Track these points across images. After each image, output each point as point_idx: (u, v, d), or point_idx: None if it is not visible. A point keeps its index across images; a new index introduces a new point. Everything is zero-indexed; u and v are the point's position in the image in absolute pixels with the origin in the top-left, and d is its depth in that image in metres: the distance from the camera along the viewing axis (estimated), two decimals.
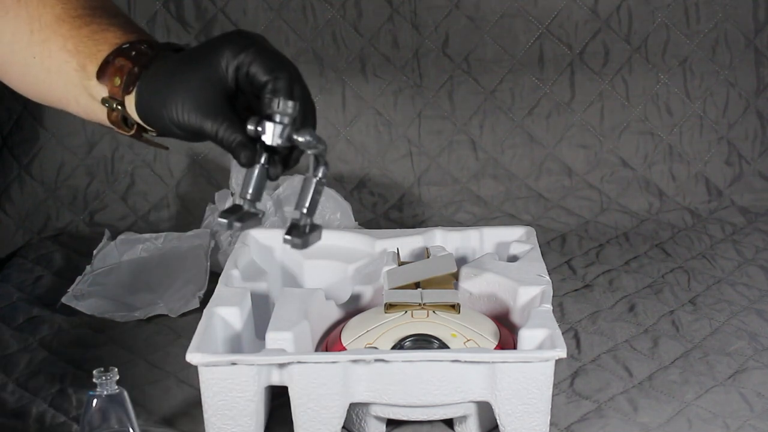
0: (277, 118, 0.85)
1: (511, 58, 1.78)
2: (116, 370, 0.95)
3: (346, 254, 1.27)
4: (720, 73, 1.80)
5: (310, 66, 1.77)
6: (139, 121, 0.90)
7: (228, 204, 1.53)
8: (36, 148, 1.73)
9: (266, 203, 1.50)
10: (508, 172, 1.76)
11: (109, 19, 0.93)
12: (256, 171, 0.86)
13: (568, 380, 1.18)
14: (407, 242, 1.27)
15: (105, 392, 0.94)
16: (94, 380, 0.94)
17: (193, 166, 1.73)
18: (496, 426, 1.02)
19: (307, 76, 1.81)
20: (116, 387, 0.95)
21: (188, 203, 1.71)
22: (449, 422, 1.08)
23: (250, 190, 0.87)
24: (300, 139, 0.85)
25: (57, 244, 1.62)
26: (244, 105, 0.88)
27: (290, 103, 0.85)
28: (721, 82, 1.80)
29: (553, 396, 1.01)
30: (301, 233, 0.88)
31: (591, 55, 1.79)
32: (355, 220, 1.55)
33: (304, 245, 0.88)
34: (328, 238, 1.30)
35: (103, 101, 0.90)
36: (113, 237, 1.54)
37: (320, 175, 0.88)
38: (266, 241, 1.28)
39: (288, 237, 0.88)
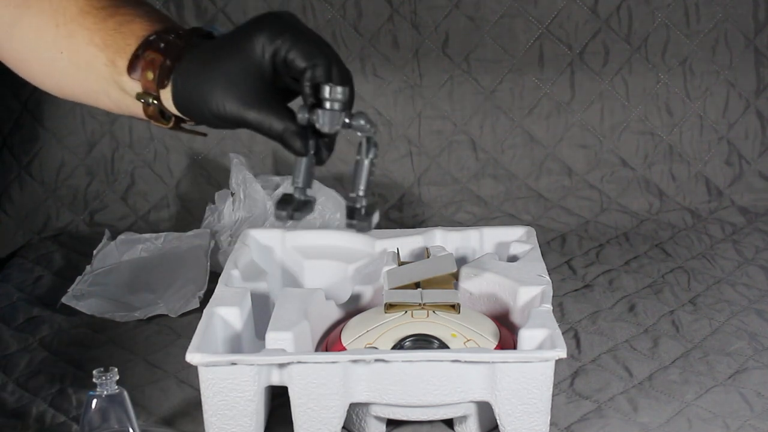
0: (328, 105, 0.84)
1: (511, 58, 1.78)
2: (116, 370, 0.95)
3: (346, 254, 1.27)
4: (720, 73, 1.80)
5: None
6: (177, 114, 0.88)
7: (227, 204, 1.53)
8: (36, 148, 1.73)
9: (266, 203, 1.50)
10: (508, 172, 1.76)
11: (133, 9, 0.92)
12: (306, 159, 0.86)
13: (568, 380, 1.18)
14: (407, 242, 1.27)
15: (105, 392, 0.94)
16: (94, 380, 0.94)
17: (193, 166, 1.73)
18: (496, 426, 1.02)
19: None
20: (116, 387, 0.95)
21: (188, 203, 1.71)
22: (449, 422, 1.08)
23: (302, 178, 0.86)
24: (355, 123, 0.85)
25: (57, 244, 1.62)
26: (282, 87, 0.87)
27: (339, 89, 0.83)
28: (721, 82, 1.80)
29: (553, 396, 1.01)
30: (363, 216, 0.88)
31: (591, 55, 1.79)
32: None
33: (369, 227, 0.88)
34: (328, 238, 1.30)
35: (138, 97, 0.88)
36: (113, 237, 1.54)
37: (372, 155, 0.88)
38: (266, 241, 1.29)
39: (352, 222, 0.87)
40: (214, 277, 1.30)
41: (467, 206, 1.73)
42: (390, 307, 1.09)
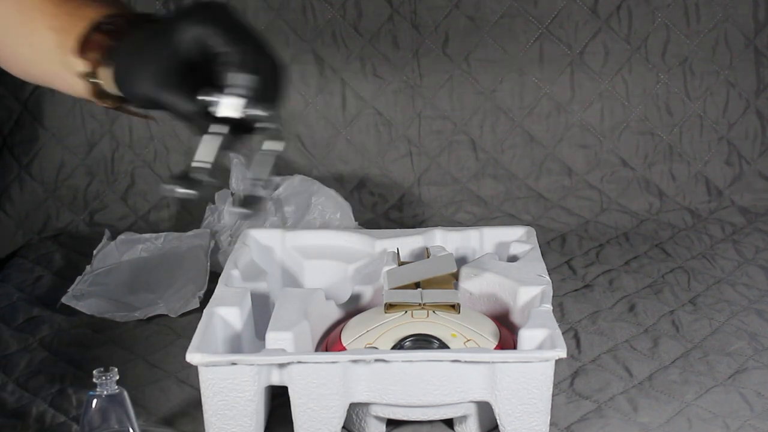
0: (227, 90, 0.84)
1: (511, 58, 1.78)
2: (116, 370, 0.95)
3: (346, 254, 1.27)
4: (720, 73, 1.80)
5: (310, 66, 1.77)
6: (119, 94, 0.92)
7: (227, 204, 1.53)
8: (36, 148, 1.73)
9: (266, 203, 1.50)
10: (508, 172, 1.76)
11: None
12: (205, 139, 0.87)
13: (568, 380, 1.18)
14: (407, 242, 1.27)
15: (105, 392, 0.94)
16: (94, 380, 0.94)
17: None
18: (496, 426, 1.02)
19: (307, 76, 1.83)
20: (116, 387, 0.95)
21: (188, 203, 1.71)
22: (449, 422, 1.08)
23: (197, 157, 0.87)
24: (250, 112, 0.85)
25: (57, 244, 1.62)
26: (206, 77, 0.88)
27: (240, 77, 0.84)
28: (721, 82, 1.80)
29: (553, 396, 1.01)
30: (257, 200, 0.88)
31: (591, 55, 1.79)
32: (355, 220, 1.55)
33: (257, 211, 0.88)
34: (328, 238, 1.30)
35: (83, 75, 0.92)
36: (113, 237, 1.54)
37: (268, 148, 0.88)
38: (266, 241, 1.29)
39: (237, 209, 0.88)
40: (214, 277, 1.30)
41: (467, 206, 1.73)
42: (390, 307, 1.09)
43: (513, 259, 1.23)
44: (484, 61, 1.78)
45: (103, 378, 0.94)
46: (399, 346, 1.04)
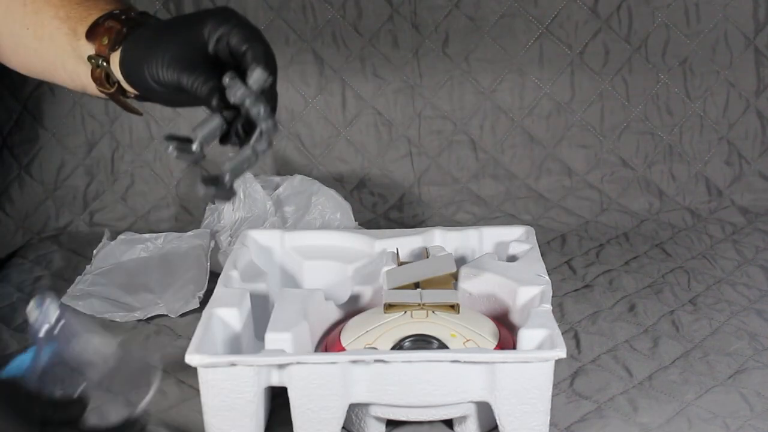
0: (249, 81, 0.90)
1: (511, 58, 1.78)
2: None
3: (346, 254, 1.27)
4: (720, 73, 1.80)
5: (310, 66, 1.77)
6: (121, 80, 0.96)
7: (227, 204, 1.53)
8: (36, 148, 1.73)
9: (266, 203, 1.50)
10: (508, 172, 1.76)
11: None
12: (214, 119, 0.91)
13: (568, 380, 1.18)
14: (407, 242, 1.27)
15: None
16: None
17: (194, 167, 1.73)
18: (496, 426, 1.02)
19: (307, 76, 1.83)
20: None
21: (188, 203, 1.71)
22: (449, 422, 1.08)
23: (201, 131, 0.91)
24: (254, 109, 0.89)
25: (57, 244, 1.62)
26: (222, 70, 0.93)
27: (265, 75, 0.90)
28: (721, 82, 1.79)
29: (553, 396, 1.01)
30: (218, 187, 0.91)
31: (591, 55, 1.79)
32: (355, 220, 1.55)
33: (214, 199, 0.91)
34: (328, 239, 1.30)
35: (89, 58, 0.96)
36: (113, 237, 1.54)
37: (259, 149, 0.91)
38: (265, 241, 1.29)
39: (203, 187, 0.89)
40: (213, 277, 1.30)
41: (467, 206, 1.73)
42: (389, 307, 1.09)
43: (512, 258, 1.23)
44: (484, 61, 1.78)
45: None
46: (398, 346, 1.04)
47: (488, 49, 1.78)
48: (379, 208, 1.72)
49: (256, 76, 0.90)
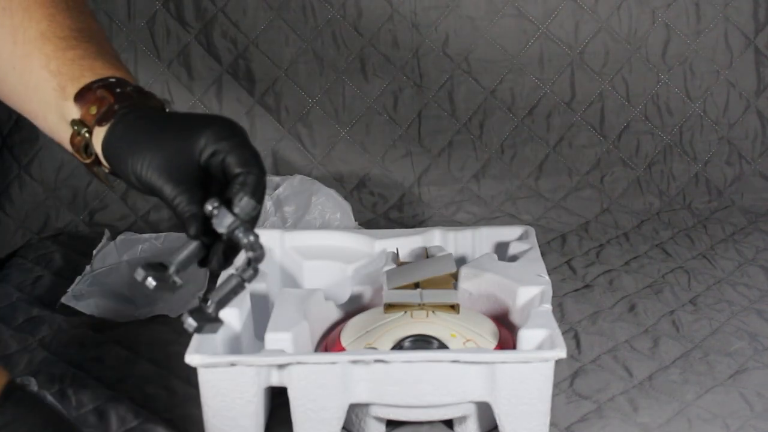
0: (236, 209, 0.85)
1: (511, 58, 1.78)
2: None
3: (346, 254, 1.27)
4: (720, 73, 1.80)
5: (310, 66, 1.77)
6: (100, 155, 0.90)
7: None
8: (36, 148, 1.73)
9: (267, 203, 1.50)
10: (508, 172, 1.76)
11: (97, 48, 0.93)
12: (193, 246, 0.86)
13: (568, 380, 1.18)
14: (407, 242, 1.27)
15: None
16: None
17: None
18: (496, 426, 1.02)
19: (307, 76, 1.83)
20: None
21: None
22: (449, 422, 1.08)
23: (178, 259, 0.86)
24: (244, 239, 0.85)
25: (57, 244, 1.62)
26: (208, 189, 0.88)
27: (253, 204, 0.85)
28: (721, 82, 1.79)
29: (553, 396, 1.01)
30: (203, 319, 0.87)
31: (591, 55, 1.79)
32: (355, 220, 1.55)
33: (199, 330, 0.86)
34: (328, 239, 1.30)
35: (73, 123, 0.90)
36: (113, 237, 1.54)
37: (246, 277, 0.88)
38: (265, 241, 1.27)
39: (188, 318, 0.86)
40: (214, 277, 1.30)
41: (467, 206, 1.73)
42: (389, 307, 1.09)
43: (512, 258, 1.23)
44: (484, 61, 1.78)
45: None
46: (398, 346, 1.04)
47: (488, 49, 1.78)
48: (379, 208, 1.72)
49: (246, 206, 0.85)
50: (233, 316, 1.08)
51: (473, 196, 1.74)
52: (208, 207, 0.85)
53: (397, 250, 1.24)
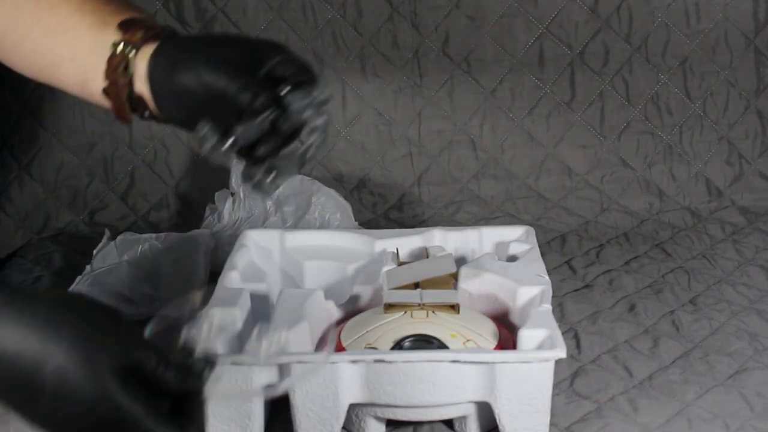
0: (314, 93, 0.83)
1: (511, 58, 1.78)
2: None
3: (346, 254, 1.27)
4: (720, 73, 1.80)
5: None
6: (140, 76, 0.87)
7: (227, 204, 1.53)
8: (36, 148, 1.73)
9: (266, 203, 1.50)
10: (508, 172, 1.76)
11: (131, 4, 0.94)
12: (257, 121, 0.82)
13: (568, 380, 1.18)
14: (406, 242, 1.27)
15: None
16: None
17: (193, 166, 1.73)
18: (496, 426, 1.02)
19: None
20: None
21: (188, 203, 1.71)
22: (449, 422, 1.08)
23: (241, 129, 0.82)
24: (316, 119, 0.84)
25: (57, 244, 1.62)
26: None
27: (329, 90, 0.84)
28: (721, 82, 1.79)
29: (553, 396, 1.01)
30: (250, 173, 0.86)
31: (591, 55, 1.79)
32: (355, 220, 1.55)
33: (212, 152, 0.83)
34: (328, 239, 1.30)
35: (114, 44, 0.88)
36: (113, 237, 1.54)
37: (310, 151, 0.88)
38: (265, 241, 1.28)
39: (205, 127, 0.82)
40: (214, 277, 1.30)
41: (467, 206, 1.73)
42: (389, 307, 1.09)
43: (512, 258, 1.23)
44: (484, 61, 1.78)
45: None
46: (398, 346, 1.04)
47: (488, 49, 1.78)
48: (379, 208, 1.72)
49: (322, 88, 0.83)
50: (233, 316, 1.08)
51: (473, 196, 1.74)
52: (278, 91, 0.82)
53: (397, 250, 1.24)
